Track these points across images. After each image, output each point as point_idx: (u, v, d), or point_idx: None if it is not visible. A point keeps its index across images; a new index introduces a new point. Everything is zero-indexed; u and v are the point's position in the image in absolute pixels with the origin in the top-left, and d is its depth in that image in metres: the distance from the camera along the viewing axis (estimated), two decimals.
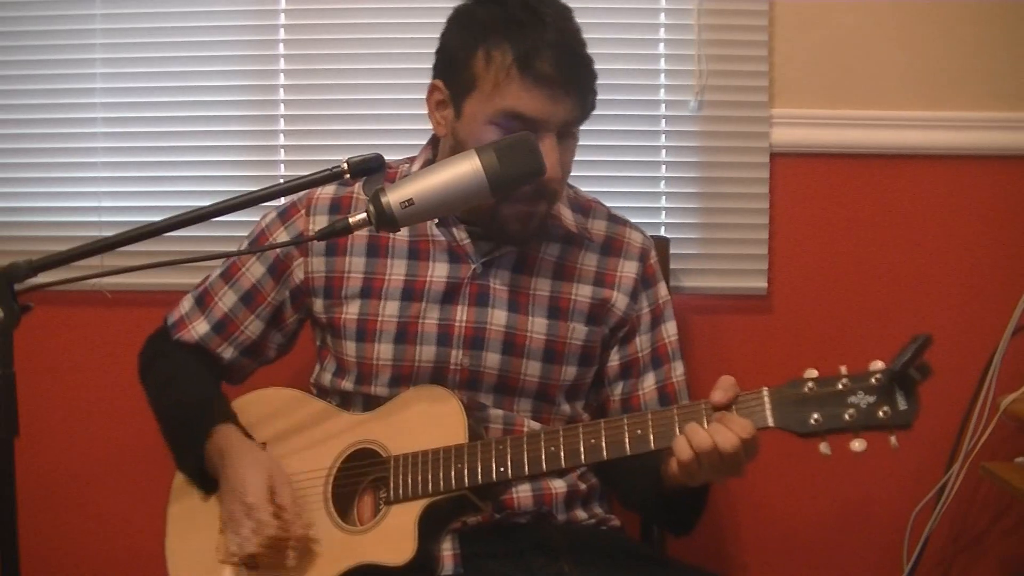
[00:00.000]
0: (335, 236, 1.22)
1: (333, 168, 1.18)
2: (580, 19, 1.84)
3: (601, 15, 1.91)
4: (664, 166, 1.95)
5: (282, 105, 1.97)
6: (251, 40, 1.96)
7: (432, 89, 1.46)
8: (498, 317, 1.47)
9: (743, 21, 1.92)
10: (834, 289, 1.97)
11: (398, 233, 1.47)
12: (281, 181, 1.59)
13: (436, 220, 1.47)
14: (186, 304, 1.58)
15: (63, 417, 2.00)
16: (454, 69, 1.42)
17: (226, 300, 1.54)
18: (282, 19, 1.97)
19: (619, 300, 1.52)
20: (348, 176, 1.18)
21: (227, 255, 1.57)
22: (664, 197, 1.95)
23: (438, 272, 1.47)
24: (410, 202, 1.16)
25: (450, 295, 1.46)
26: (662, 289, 1.58)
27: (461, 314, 1.46)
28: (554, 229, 1.51)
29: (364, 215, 1.18)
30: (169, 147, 1.97)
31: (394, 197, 1.16)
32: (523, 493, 1.44)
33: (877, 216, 1.96)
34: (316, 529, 1.37)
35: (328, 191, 1.52)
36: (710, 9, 1.91)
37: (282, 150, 1.98)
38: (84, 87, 1.96)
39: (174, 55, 1.95)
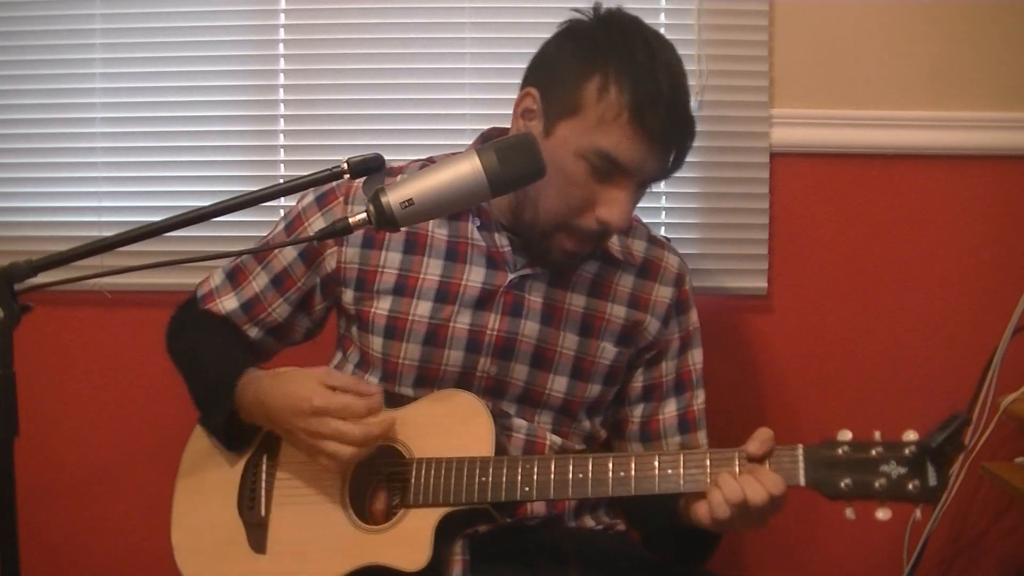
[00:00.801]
0: (335, 236, 1.21)
1: (333, 168, 1.18)
2: None
3: None
4: None
5: (282, 105, 1.97)
6: (251, 40, 1.96)
7: (525, 96, 1.41)
8: (530, 329, 1.45)
9: (743, 21, 1.92)
10: (834, 289, 1.97)
11: (437, 232, 1.47)
12: (281, 181, 1.59)
13: (478, 223, 1.47)
14: (217, 278, 1.57)
15: (63, 417, 2.00)
16: (558, 87, 1.37)
17: (258, 280, 1.53)
18: (282, 19, 1.97)
19: (651, 324, 1.52)
20: (348, 176, 1.18)
21: (228, 255, 1.57)
22: (664, 197, 1.95)
23: (474, 276, 1.46)
24: (410, 202, 1.16)
25: (484, 301, 1.45)
26: (693, 316, 1.57)
27: (493, 322, 1.45)
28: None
29: (364, 215, 1.17)
30: (169, 147, 1.97)
31: (394, 197, 1.16)
32: (537, 502, 1.42)
33: (877, 216, 1.96)
34: (331, 523, 1.36)
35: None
36: (710, 9, 1.91)
37: (282, 150, 1.98)
38: (84, 87, 1.96)
39: (174, 55, 1.96)
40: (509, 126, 1.46)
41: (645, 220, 1.67)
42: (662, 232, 1.92)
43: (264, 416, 1.37)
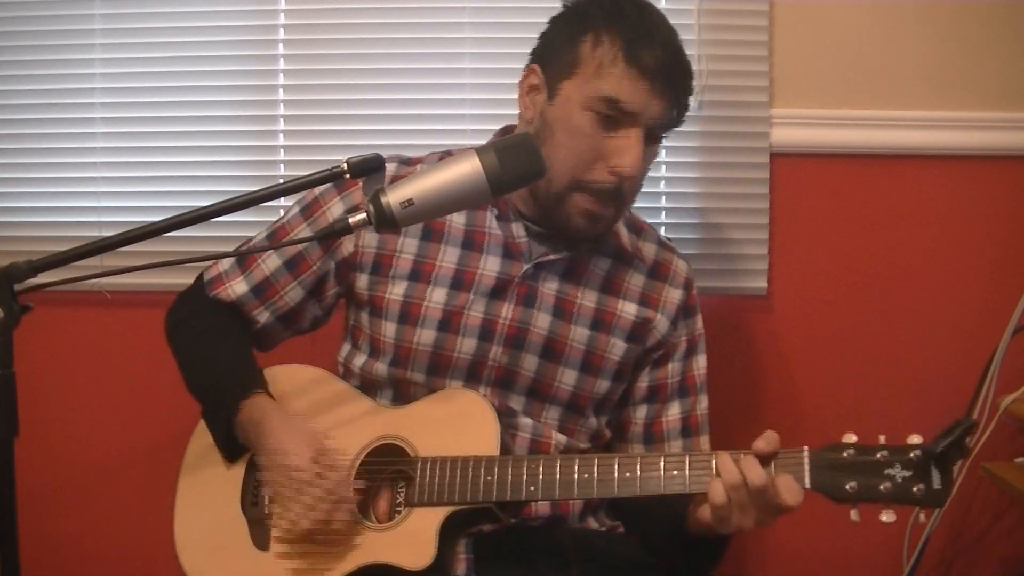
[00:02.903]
0: (335, 236, 1.22)
1: (333, 168, 1.18)
2: None
3: None
4: (664, 166, 1.95)
5: (282, 105, 1.97)
6: (251, 40, 1.96)
7: (528, 73, 1.47)
8: (542, 320, 1.46)
9: (743, 21, 1.92)
10: (834, 289, 1.97)
11: (454, 220, 1.48)
12: (281, 181, 1.59)
13: (496, 212, 1.48)
14: (226, 262, 1.55)
15: (63, 417, 2.00)
16: (555, 53, 1.43)
17: (269, 263, 1.52)
18: (282, 19, 1.97)
19: (661, 323, 1.52)
20: (348, 176, 1.18)
21: (229, 255, 1.56)
22: (664, 197, 1.95)
23: (490, 266, 1.46)
24: (410, 202, 1.16)
25: (498, 291, 1.46)
26: (699, 322, 1.58)
27: (507, 311, 1.46)
28: (607, 243, 1.51)
29: (364, 215, 1.17)
30: (169, 147, 1.97)
31: (394, 197, 1.16)
32: (542, 503, 1.43)
33: (877, 216, 1.96)
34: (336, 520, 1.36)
35: (391, 169, 1.49)
36: (710, 9, 1.91)
37: (282, 150, 1.98)
38: (84, 87, 1.96)
39: (174, 55, 1.96)
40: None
41: (646, 220, 1.67)
42: (662, 232, 1.92)
43: (256, 441, 1.37)
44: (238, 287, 1.53)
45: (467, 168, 1.17)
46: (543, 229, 1.48)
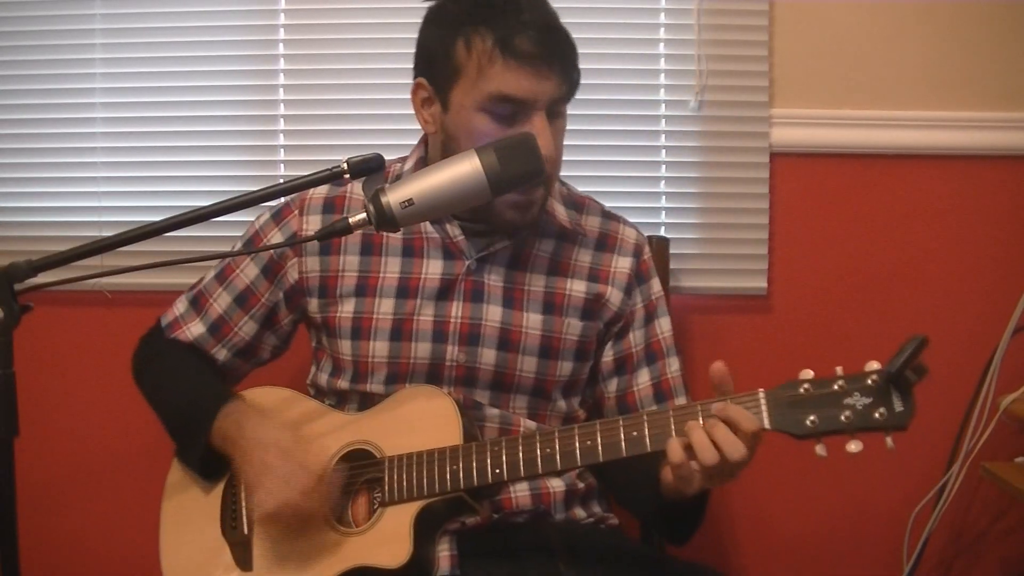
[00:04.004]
0: (335, 236, 1.22)
1: (333, 168, 1.18)
2: (581, 19, 1.86)
3: (601, 15, 1.92)
4: (664, 166, 1.95)
5: (282, 105, 1.97)
6: (251, 40, 1.96)
7: (416, 88, 1.46)
8: (493, 313, 1.47)
9: (743, 21, 1.92)
10: (834, 289, 1.97)
11: (390, 232, 1.47)
12: (281, 181, 1.59)
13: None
14: (180, 306, 1.58)
15: (63, 417, 2.00)
16: (435, 63, 1.42)
17: (220, 301, 1.54)
18: (282, 19, 1.97)
19: (613, 295, 1.52)
20: (348, 176, 1.18)
21: (225, 255, 1.57)
22: (664, 197, 1.95)
23: (432, 269, 1.47)
24: (410, 202, 1.16)
25: (445, 291, 1.46)
26: (655, 285, 1.57)
27: (456, 310, 1.46)
28: (547, 225, 1.51)
29: (364, 215, 1.17)
30: (169, 147, 1.97)
31: (394, 197, 1.16)
32: (521, 493, 1.44)
33: (877, 216, 1.96)
34: (312, 531, 1.36)
35: (321, 191, 1.52)
36: (710, 9, 1.91)
37: (282, 150, 1.98)
38: (84, 87, 1.96)
39: (174, 55, 1.96)
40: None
41: (645, 219, 1.68)
42: (662, 232, 1.92)
43: (235, 441, 1.38)
44: (195, 329, 1.55)
45: (467, 168, 1.17)
46: (478, 225, 1.48)
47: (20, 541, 1.04)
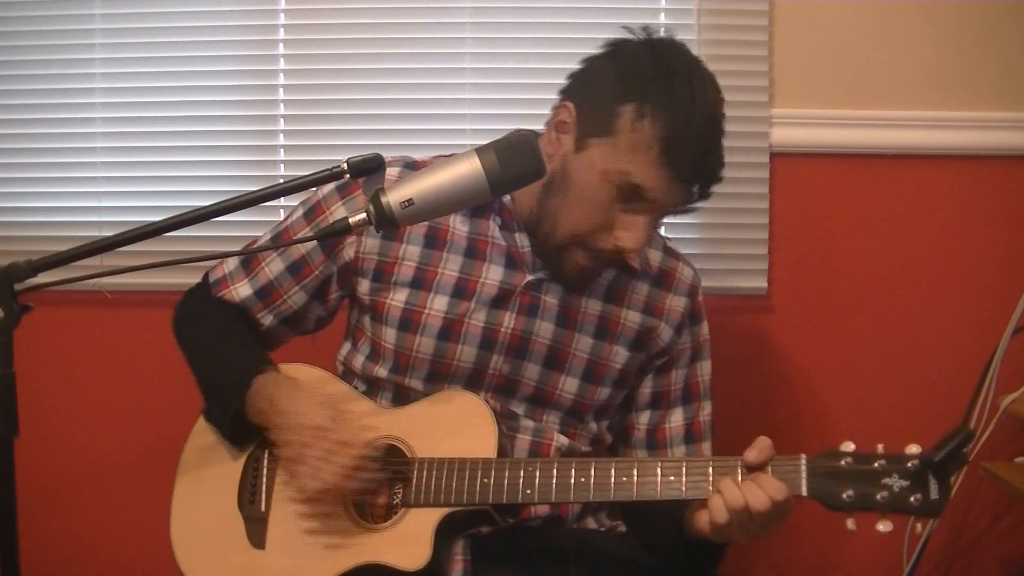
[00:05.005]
0: (335, 236, 1.21)
1: (333, 168, 1.17)
2: (580, 19, 1.86)
3: (601, 15, 1.91)
4: None
5: (282, 105, 1.97)
6: (251, 40, 1.97)
7: (561, 108, 1.41)
8: (545, 330, 1.46)
9: (743, 21, 1.92)
10: (834, 289, 1.97)
11: (458, 228, 1.47)
12: (281, 181, 1.59)
13: (500, 222, 1.47)
14: (231, 264, 1.55)
15: (63, 417, 2.00)
16: (595, 106, 1.37)
17: (273, 267, 1.52)
18: (282, 19, 1.97)
19: (664, 331, 1.52)
20: (348, 176, 1.18)
21: (228, 255, 1.56)
22: None
23: (492, 275, 1.46)
24: (410, 202, 1.16)
25: (500, 300, 1.45)
26: (704, 328, 1.57)
27: (508, 320, 1.45)
28: None
29: (364, 215, 1.17)
30: (169, 147, 1.97)
31: (394, 197, 1.16)
32: (541, 504, 1.43)
33: (877, 216, 1.96)
34: (331, 520, 1.36)
35: (393, 172, 1.47)
36: (710, 9, 1.91)
37: (282, 150, 1.98)
38: (84, 87, 1.96)
39: (174, 55, 1.96)
40: (523, 127, 1.47)
41: None
42: (661, 231, 1.91)
43: (269, 415, 1.37)
44: (242, 290, 1.53)
45: (467, 168, 1.17)
46: (539, 254, 1.47)
47: (20, 541, 1.04)
